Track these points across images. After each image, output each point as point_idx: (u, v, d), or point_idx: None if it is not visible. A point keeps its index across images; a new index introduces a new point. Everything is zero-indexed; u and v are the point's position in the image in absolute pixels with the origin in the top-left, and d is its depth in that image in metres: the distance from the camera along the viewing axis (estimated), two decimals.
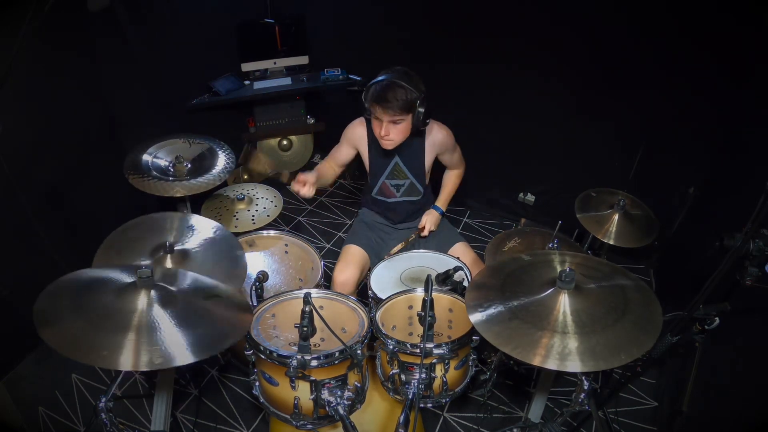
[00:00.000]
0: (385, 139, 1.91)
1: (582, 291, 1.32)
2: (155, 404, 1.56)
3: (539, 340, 1.20)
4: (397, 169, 2.11)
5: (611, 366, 1.16)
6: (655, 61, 2.33)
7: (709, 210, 2.26)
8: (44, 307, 1.20)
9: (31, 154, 2.07)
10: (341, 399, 1.42)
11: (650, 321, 1.23)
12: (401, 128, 1.90)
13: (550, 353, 1.17)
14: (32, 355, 2.13)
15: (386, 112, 1.83)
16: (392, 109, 1.82)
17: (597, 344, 1.18)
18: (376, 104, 1.83)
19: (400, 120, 1.86)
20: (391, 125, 1.87)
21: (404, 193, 2.17)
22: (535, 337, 1.22)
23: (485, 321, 1.31)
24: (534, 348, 1.19)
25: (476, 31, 2.71)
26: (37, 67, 2.01)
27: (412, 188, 2.16)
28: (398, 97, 1.80)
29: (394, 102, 1.80)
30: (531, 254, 1.53)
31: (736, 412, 1.60)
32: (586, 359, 1.15)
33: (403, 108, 1.82)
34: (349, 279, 2.01)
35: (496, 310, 1.32)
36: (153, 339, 1.15)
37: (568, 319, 1.25)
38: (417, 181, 2.15)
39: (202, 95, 3.07)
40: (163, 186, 2.01)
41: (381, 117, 1.86)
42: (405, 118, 1.87)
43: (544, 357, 1.17)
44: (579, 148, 2.73)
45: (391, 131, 1.88)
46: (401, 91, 1.80)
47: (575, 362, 1.15)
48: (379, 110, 1.84)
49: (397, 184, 2.15)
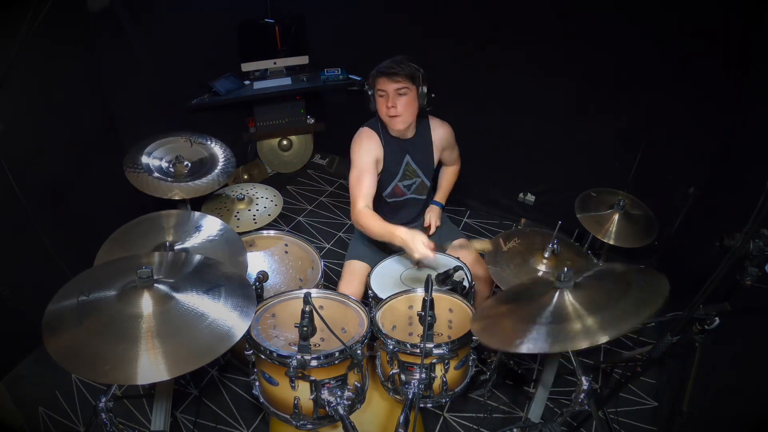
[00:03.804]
0: (391, 112, 1.90)
1: (581, 285, 1.34)
2: (155, 404, 1.56)
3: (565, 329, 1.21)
4: (409, 169, 2.12)
5: (634, 326, 1.17)
6: (655, 62, 2.33)
7: (709, 210, 2.26)
8: (51, 317, 1.21)
9: (31, 153, 2.07)
10: (341, 399, 1.42)
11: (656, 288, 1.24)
12: (407, 101, 1.90)
13: (578, 336, 1.18)
14: (32, 355, 2.13)
15: (391, 80, 1.86)
16: (397, 75, 1.85)
17: (612, 315, 1.20)
18: (381, 75, 1.88)
19: (404, 89, 1.87)
20: (397, 96, 1.88)
21: (414, 191, 2.18)
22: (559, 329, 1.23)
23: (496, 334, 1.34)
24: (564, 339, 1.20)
25: (476, 31, 2.71)
26: (37, 67, 2.01)
27: (422, 186, 2.18)
28: (402, 65, 1.85)
29: (398, 69, 1.85)
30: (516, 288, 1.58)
31: (736, 412, 1.60)
32: (609, 327, 1.16)
33: (407, 76, 1.86)
34: (353, 294, 2.00)
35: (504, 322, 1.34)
36: (160, 350, 1.16)
37: (578, 307, 1.26)
38: (426, 179, 2.17)
39: (202, 95, 3.08)
40: (162, 187, 2.01)
41: (386, 88, 1.88)
42: (410, 88, 1.89)
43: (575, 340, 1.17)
44: (579, 148, 2.73)
45: (397, 103, 1.88)
46: (404, 60, 1.87)
47: (601, 334, 1.16)
48: (384, 80, 1.87)
49: (408, 184, 2.16)
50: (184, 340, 1.19)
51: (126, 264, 1.40)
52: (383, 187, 2.15)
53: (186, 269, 1.43)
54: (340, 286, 2.07)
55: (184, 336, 1.20)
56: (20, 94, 1.94)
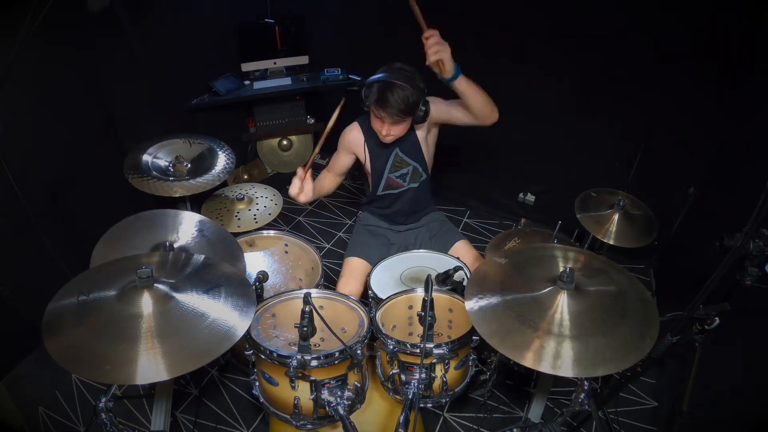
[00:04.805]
0: (385, 136, 1.94)
1: (581, 292, 1.32)
2: (155, 404, 1.56)
3: (532, 342, 1.22)
4: (398, 159, 2.11)
5: (598, 374, 1.17)
6: (655, 62, 2.33)
7: (709, 210, 2.26)
8: (51, 317, 1.21)
9: (31, 153, 2.07)
10: (341, 399, 1.42)
11: (645, 335, 1.24)
12: (402, 127, 1.93)
13: (543, 356, 1.19)
14: (32, 355, 2.13)
15: (388, 114, 1.84)
16: (394, 111, 1.83)
17: (590, 350, 1.19)
18: (378, 107, 1.85)
19: (401, 121, 1.89)
20: (392, 124, 1.89)
21: (410, 180, 2.16)
22: (530, 337, 1.23)
23: (480, 313, 1.32)
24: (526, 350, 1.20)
25: (476, 31, 2.71)
26: (37, 67, 2.01)
27: (416, 173, 2.15)
28: (400, 100, 1.81)
29: (396, 106, 1.81)
30: (534, 248, 1.55)
31: (736, 412, 1.60)
32: (578, 365, 1.17)
33: (404, 111, 1.83)
34: (353, 292, 2.01)
35: (492, 303, 1.33)
36: (160, 350, 1.16)
37: (564, 321, 1.26)
38: (419, 165, 2.13)
39: (202, 95, 3.07)
40: (162, 186, 2.02)
41: (382, 117, 1.87)
42: (406, 119, 1.90)
43: (536, 360, 1.19)
44: (579, 148, 2.73)
45: (391, 130, 1.91)
46: (403, 94, 1.80)
47: (567, 367, 1.17)
48: (381, 112, 1.85)
49: (402, 174, 2.15)
50: (184, 340, 1.19)
51: (126, 264, 1.40)
52: (376, 184, 2.16)
53: (186, 269, 1.43)
54: (339, 284, 2.08)
55: (184, 336, 1.20)
56: (20, 94, 1.94)
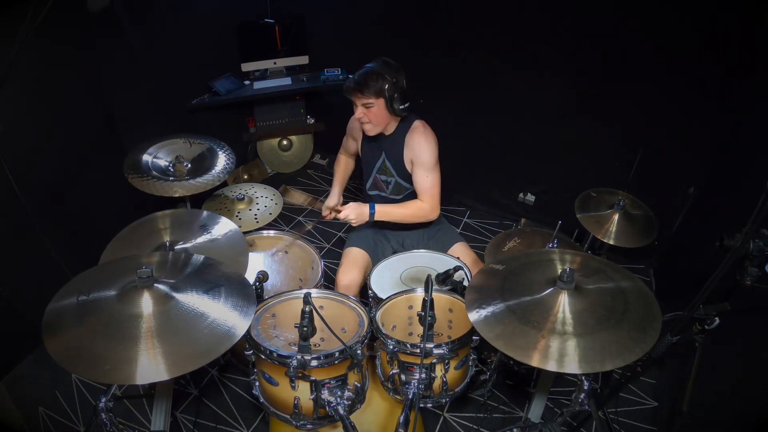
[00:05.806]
0: (361, 122, 2.03)
1: (581, 291, 1.32)
2: (155, 404, 1.56)
3: (538, 341, 1.21)
4: (385, 166, 2.16)
5: (606, 369, 1.17)
6: (655, 61, 2.33)
7: (709, 210, 2.26)
8: (51, 317, 1.21)
9: (31, 153, 2.07)
10: (341, 399, 1.42)
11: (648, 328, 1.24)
12: (374, 112, 1.99)
13: (549, 354, 1.18)
14: (32, 355, 2.13)
15: (357, 96, 1.97)
16: (361, 92, 1.95)
17: (596, 346, 1.18)
18: (350, 89, 1.98)
19: (369, 103, 1.97)
20: (364, 108, 1.99)
21: (392, 191, 2.21)
22: (535, 337, 1.22)
23: (483, 318, 1.32)
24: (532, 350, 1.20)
25: (476, 30, 2.71)
26: (37, 67, 2.01)
27: (399, 187, 2.18)
28: (366, 82, 1.94)
29: (363, 86, 1.94)
30: (529, 253, 1.54)
31: (736, 412, 1.60)
32: (584, 361, 1.16)
33: (371, 92, 1.94)
34: (352, 282, 2.03)
35: (495, 309, 1.32)
36: (159, 350, 1.16)
37: (567, 320, 1.25)
38: (401, 180, 2.16)
39: (202, 95, 3.07)
40: (162, 186, 2.02)
41: (354, 101, 2.00)
42: (374, 102, 1.96)
43: (543, 359, 1.18)
44: (579, 148, 2.73)
45: (365, 114, 2.00)
46: (371, 77, 1.95)
47: (574, 364, 1.16)
48: (352, 95, 1.99)
49: (386, 181, 2.20)
50: (184, 340, 1.19)
51: (126, 264, 1.40)
52: (365, 175, 2.24)
53: (186, 269, 1.43)
54: (339, 273, 2.09)
55: (184, 336, 1.20)
56: (20, 94, 1.94)
